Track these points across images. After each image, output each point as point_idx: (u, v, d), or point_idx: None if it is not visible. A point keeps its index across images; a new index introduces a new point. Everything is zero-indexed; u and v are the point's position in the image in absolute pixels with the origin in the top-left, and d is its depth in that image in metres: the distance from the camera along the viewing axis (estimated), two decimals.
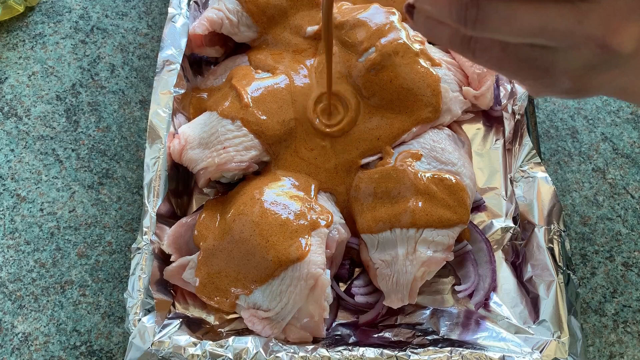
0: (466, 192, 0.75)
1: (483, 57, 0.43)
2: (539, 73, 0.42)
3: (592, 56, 0.39)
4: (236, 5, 0.87)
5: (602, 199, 0.87)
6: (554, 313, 0.68)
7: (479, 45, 0.42)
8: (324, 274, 0.69)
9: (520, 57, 0.41)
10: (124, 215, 0.86)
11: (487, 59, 0.43)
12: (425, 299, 0.77)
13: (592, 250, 0.84)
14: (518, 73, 0.43)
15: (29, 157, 0.90)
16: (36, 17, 1.01)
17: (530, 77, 0.43)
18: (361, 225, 0.76)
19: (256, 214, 0.71)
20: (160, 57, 0.83)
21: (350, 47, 0.82)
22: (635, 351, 0.77)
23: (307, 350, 0.67)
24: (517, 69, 0.43)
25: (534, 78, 0.43)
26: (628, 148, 0.91)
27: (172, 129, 0.80)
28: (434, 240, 0.72)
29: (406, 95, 0.79)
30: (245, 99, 0.78)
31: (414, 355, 0.66)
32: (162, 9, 1.03)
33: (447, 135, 0.82)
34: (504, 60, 0.42)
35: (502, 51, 0.42)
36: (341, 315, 0.77)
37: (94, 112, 0.93)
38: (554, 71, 0.41)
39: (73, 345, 0.78)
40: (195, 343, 0.67)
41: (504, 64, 0.43)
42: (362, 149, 0.80)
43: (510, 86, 0.86)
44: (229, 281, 0.71)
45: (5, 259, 0.83)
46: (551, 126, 0.93)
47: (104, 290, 0.81)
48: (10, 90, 0.95)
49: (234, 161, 0.76)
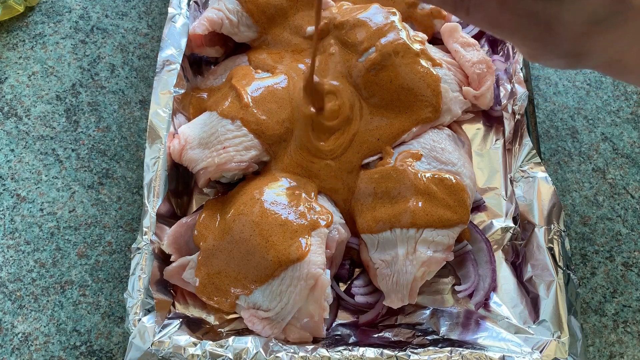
0: (466, 192, 0.75)
1: (478, 15, 0.40)
2: (539, 31, 0.39)
3: (600, 7, 0.37)
4: (236, 5, 0.87)
5: (602, 199, 0.87)
6: (554, 313, 0.68)
7: (473, 1, 0.40)
8: (324, 274, 0.69)
9: (520, 13, 0.39)
10: (124, 215, 0.86)
11: (482, 16, 0.40)
12: (425, 299, 0.77)
13: (592, 250, 0.84)
14: (516, 32, 0.41)
15: (29, 157, 0.90)
16: (36, 17, 1.01)
17: (529, 36, 0.40)
18: (361, 225, 0.76)
19: (256, 214, 0.71)
20: (160, 57, 0.83)
21: (350, 47, 0.82)
22: (635, 351, 0.77)
23: (307, 350, 0.67)
24: (515, 28, 0.40)
25: (532, 37, 0.40)
26: (628, 148, 0.91)
27: (172, 129, 0.80)
28: (434, 240, 0.72)
29: (406, 95, 0.79)
30: (245, 99, 0.78)
31: (414, 355, 0.66)
32: (162, 9, 1.03)
33: (447, 135, 0.82)
34: (501, 17, 0.39)
35: (500, 6, 0.39)
36: (341, 315, 0.77)
37: (94, 112, 0.93)
38: (557, 27, 0.38)
39: (73, 345, 0.78)
40: (195, 343, 0.67)
41: (501, 21, 0.40)
42: (362, 152, 0.80)
43: (510, 86, 0.86)
44: (229, 281, 0.71)
45: (5, 259, 0.83)
46: (551, 126, 0.93)
47: (104, 290, 0.81)
48: (10, 90, 0.95)
49: (233, 161, 0.76)
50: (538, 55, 0.43)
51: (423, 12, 0.90)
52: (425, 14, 0.90)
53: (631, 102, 0.94)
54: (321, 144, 0.78)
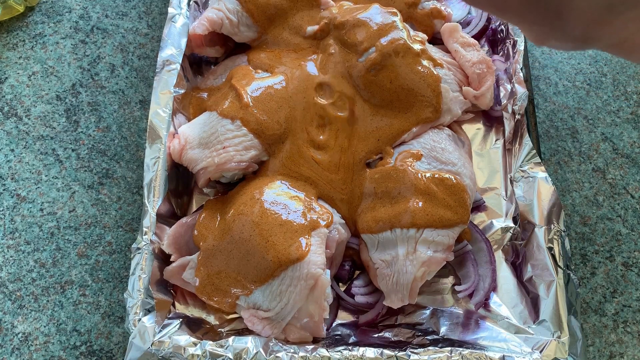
0: (467, 192, 0.75)
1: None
2: (548, 16, 0.37)
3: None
4: (236, 5, 0.87)
5: (602, 199, 0.87)
6: (554, 313, 0.68)
7: None
8: (324, 274, 0.69)
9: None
10: (124, 215, 0.86)
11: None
12: (425, 299, 0.77)
13: (592, 250, 0.84)
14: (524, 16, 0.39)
15: (29, 157, 0.90)
16: (36, 17, 1.01)
17: (537, 21, 0.38)
18: (361, 225, 0.76)
19: (256, 214, 0.71)
20: (160, 57, 0.83)
21: (350, 47, 0.82)
22: (635, 351, 0.77)
23: (307, 350, 0.67)
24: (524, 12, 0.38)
25: (541, 22, 0.38)
26: (628, 148, 0.91)
27: (172, 129, 0.80)
28: (434, 240, 0.72)
29: (406, 95, 0.79)
30: (245, 99, 0.78)
31: (414, 355, 0.66)
32: (162, 9, 1.03)
33: (447, 135, 0.82)
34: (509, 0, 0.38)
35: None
36: (341, 315, 0.77)
37: (94, 112, 0.93)
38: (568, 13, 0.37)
39: (73, 345, 0.78)
40: (195, 343, 0.67)
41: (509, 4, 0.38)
42: (362, 153, 0.80)
43: (510, 86, 0.86)
44: (229, 281, 0.71)
45: (5, 259, 0.83)
46: (551, 126, 0.93)
47: (104, 290, 0.81)
48: (10, 90, 0.95)
49: (233, 161, 0.76)
50: (545, 40, 0.41)
51: (423, 12, 0.90)
52: (425, 13, 0.90)
53: (631, 102, 0.94)
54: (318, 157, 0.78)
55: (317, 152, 0.79)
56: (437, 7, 0.91)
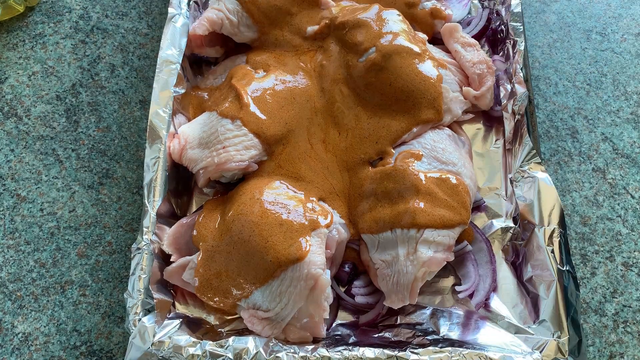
0: (467, 192, 0.75)
1: None
2: None
3: None
4: (236, 6, 0.87)
5: (602, 199, 0.87)
6: (554, 313, 0.68)
7: None
8: (324, 274, 0.69)
9: None
10: (124, 215, 0.86)
11: None
12: (425, 299, 0.77)
13: (592, 250, 0.84)
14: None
15: (29, 157, 0.90)
16: (36, 17, 1.01)
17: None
18: (361, 226, 0.76)
19: (256, 214, 0.71)
20: (160, 57, 0.83)
21: (350, 47, 0.82)
22: (635, 351, 0.77)
23: (307, 350, 0.67)
24: None
25: None
26: (628, 148, 0.91)
27: (172, 129, 0.80)
28: (434, 240, 0.72)
29: (407, 96, 0.79)
30: (244, 99, 0.78)
31: (414, 355, 0.66)
32: (162, 9, 1.03)
33: (447, 135, 0.82)
34: None
35: None
36: (341, 315, 0.77)
37: (94, 112, 0.93)
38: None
39: (73, 345, 0.78)
40: (195, 343, 0.67)
41: None
42: (363, 154, 0.79)
43: (510, 86, 0.86)
44: (229, 282, 0.71)
45: (5, 259, 0.83)
46: (551, 126, 0.93)
47: (104, 290, 0.81)
48: (10, 90, 0.95)
49: (233, 161, 0.76)
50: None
51: (423, 12, 0.90)
52: (425, 14, 0.90)
53: (631, 102, 0.94)
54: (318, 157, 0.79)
55: (317, 152, 0.79)
56: (437, 7, 0.91)
